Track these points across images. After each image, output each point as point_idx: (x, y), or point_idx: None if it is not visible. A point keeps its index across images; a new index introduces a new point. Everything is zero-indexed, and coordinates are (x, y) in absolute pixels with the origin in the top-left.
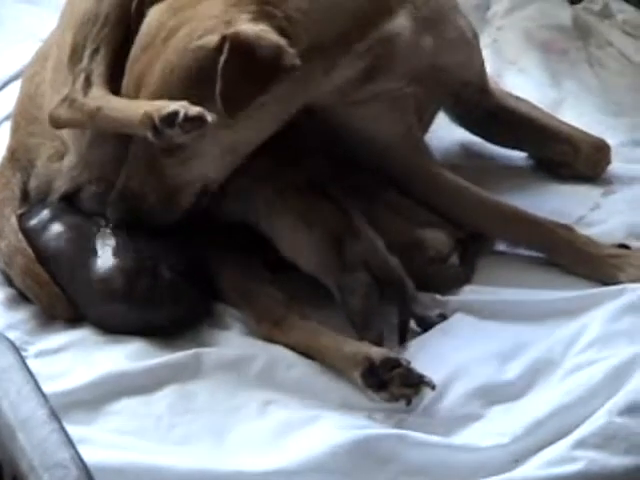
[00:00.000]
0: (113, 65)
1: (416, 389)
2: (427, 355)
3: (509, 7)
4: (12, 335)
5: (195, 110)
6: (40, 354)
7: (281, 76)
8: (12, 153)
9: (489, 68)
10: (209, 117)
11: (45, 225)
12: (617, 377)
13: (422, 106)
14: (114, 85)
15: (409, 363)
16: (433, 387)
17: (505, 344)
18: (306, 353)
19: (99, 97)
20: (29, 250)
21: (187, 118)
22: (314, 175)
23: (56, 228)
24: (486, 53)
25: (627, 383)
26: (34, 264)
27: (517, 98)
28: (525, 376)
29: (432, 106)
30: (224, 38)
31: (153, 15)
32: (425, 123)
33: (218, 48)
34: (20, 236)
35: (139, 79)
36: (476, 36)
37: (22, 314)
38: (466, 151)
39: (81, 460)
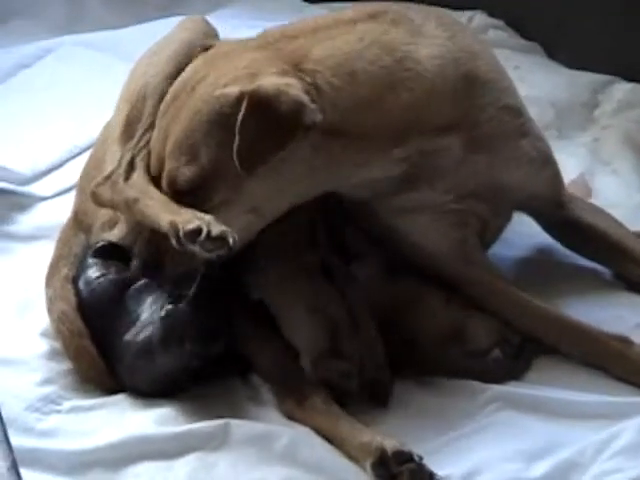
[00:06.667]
0: None
1: None
2: (454, 446)
3: (617, 107)
4: (48, 389)
5: (218, 230)
6: (73, 410)
7: (300, 132)
8: (75, 214)
9: (582, 166)
10: (231, 239)
11: (88, 281)
12: None
13: (483, 221)
14: None
15: (421, 459)
16: None
17: (536, 442)
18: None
19: (139, 185)
20: (72, 298)
21: (210, 238)
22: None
23: (97, 283)
24: (582, 152)
25: None
26: (72, 311)
27: (596, 211)
28: (550, 477)
29: (498, 220)
30: (243, 94)
31: (189, 68)
32: (491, 235)
33: (239, 100)
34: (66, 285)
35: (167, 130)
36: (543, 153)
37: (62, 368)
38: (537, 244)
39: None
